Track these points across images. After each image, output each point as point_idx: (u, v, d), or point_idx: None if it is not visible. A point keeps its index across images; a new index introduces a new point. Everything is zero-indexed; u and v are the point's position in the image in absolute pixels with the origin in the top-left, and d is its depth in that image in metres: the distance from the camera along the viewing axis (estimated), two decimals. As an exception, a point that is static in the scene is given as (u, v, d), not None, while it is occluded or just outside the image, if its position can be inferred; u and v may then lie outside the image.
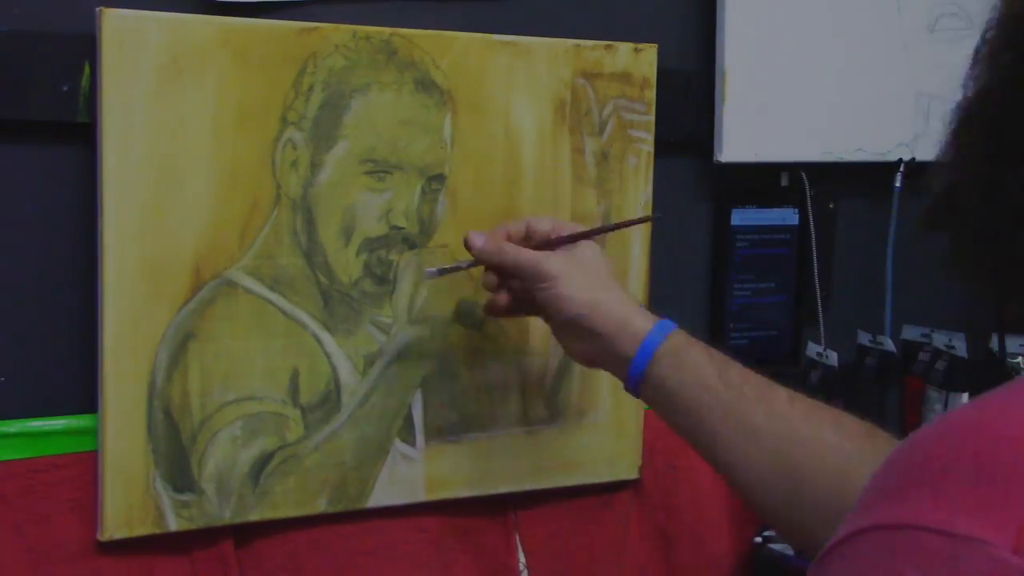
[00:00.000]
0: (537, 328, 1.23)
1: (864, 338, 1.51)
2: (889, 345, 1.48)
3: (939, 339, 1.48)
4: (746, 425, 0.95)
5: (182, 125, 1.05)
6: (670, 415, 1.00)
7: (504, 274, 1.09)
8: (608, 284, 1.05)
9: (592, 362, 1.07)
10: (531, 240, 1.09)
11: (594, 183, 1.25)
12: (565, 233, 1.09)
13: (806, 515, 0.91)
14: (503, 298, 1.11)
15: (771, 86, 1.36)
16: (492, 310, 1.13)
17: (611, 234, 1.24)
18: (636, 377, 1.01)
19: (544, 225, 1.10)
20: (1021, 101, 0.59)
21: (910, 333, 1.52)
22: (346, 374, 1.14)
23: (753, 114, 1.35)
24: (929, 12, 1.46)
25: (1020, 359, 1.45)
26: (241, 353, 1.09)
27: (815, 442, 0.93)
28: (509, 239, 1.10)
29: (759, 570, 1.37)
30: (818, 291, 1.44)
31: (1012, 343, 1.44)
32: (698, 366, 0.98)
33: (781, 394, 0.96)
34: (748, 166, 1.38)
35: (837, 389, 1.41)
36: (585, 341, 1.04)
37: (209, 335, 1.08)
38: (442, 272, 1.13)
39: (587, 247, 1.08)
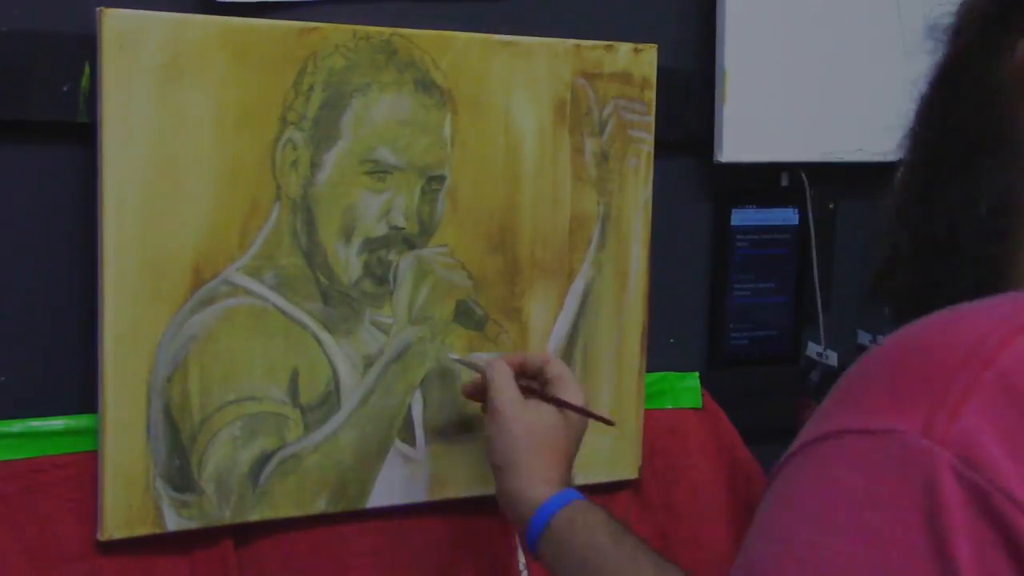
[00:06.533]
0: (537, 328, 1.23)
1: (864, 338, 1.51)
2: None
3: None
4: None
5: (182, 125, 1.05)
6: (565, 573, 1.04)
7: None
8: (539, 453, 1.09)
9: (503, 508, 1.11)
10: (531, 378, 1.15)
11: (594, 183, 1.25)
12: (558, 394, 1.12)
13: None
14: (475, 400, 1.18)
15: (771, 86, 1.36)
16: (464, 392, 1.19)
17: (611, 235, 1.24)
18: (535, 540, 1.05)
19: (556, 370, 1.14)
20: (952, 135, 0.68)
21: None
22: (346, 374, 1.14)
23: (753, 114, 1.35)
24: (929, 12, 1.45)
25: None
26: (241, 353, 1.09)
27: None
28: (523, 366, 1.15)
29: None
30: (818, 291, 1.44)
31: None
32: (593, 529, 1.03)
33: (675, 571, 1.00)
34: (748, 166, 1.37)
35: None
36: (499, 485, 1.10)
37: (209, 335, 1.08)
38: (461, 362, 1.18)
39: (550, 415, 1.11)
